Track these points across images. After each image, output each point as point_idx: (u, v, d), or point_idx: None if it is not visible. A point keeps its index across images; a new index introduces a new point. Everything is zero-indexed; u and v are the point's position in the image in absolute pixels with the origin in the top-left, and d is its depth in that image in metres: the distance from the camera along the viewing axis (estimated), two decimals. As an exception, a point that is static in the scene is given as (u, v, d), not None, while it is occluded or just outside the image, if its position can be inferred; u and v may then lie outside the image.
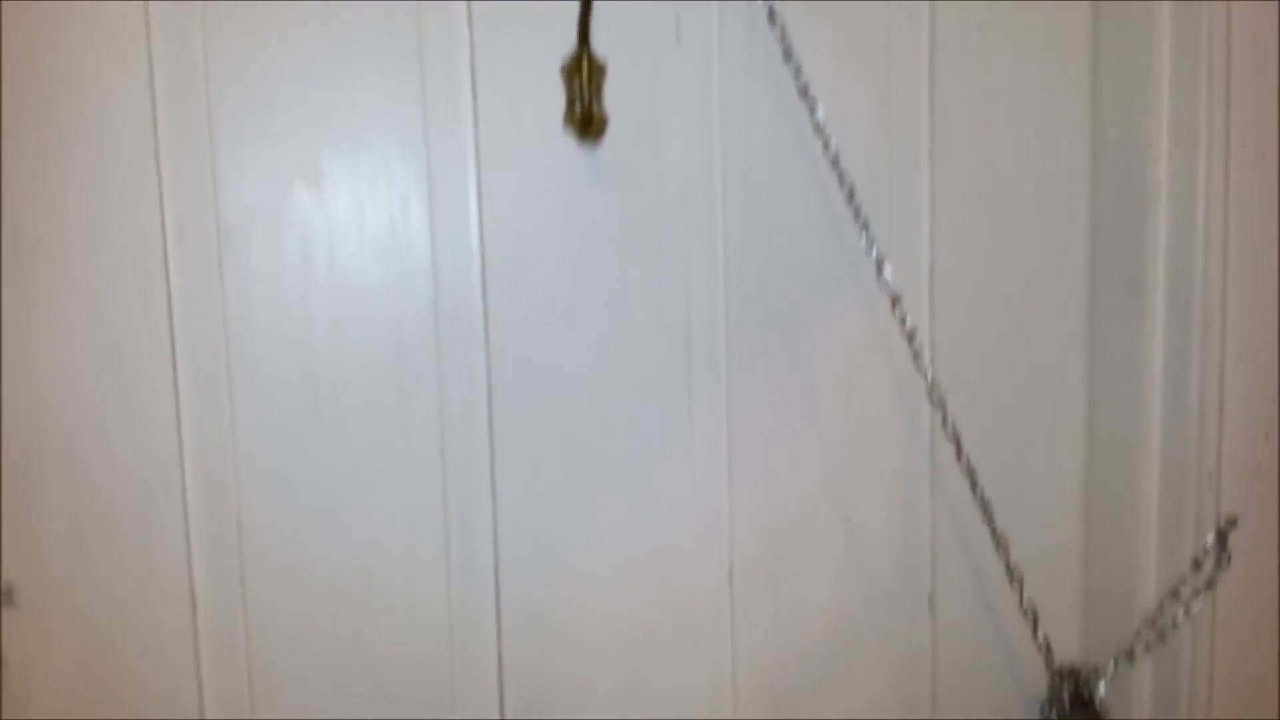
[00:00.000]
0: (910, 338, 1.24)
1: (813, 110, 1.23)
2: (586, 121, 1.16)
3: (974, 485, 1.29)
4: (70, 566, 1.16)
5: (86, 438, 1.16)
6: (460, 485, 1.25)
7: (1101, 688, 1.36)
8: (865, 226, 1.24)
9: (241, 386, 1.19)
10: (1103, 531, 1.43)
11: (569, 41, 1.17)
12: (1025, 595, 1.33)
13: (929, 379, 1.26)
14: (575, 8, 1.16)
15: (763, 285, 1.31)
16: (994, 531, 1.29)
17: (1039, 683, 1.44)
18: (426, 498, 1.25)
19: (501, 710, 1.30)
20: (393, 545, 1.25)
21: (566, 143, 1.21)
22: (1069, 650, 1.44)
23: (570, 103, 1.17)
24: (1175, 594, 1.31)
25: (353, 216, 1.21)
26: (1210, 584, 1.29)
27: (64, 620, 1.16)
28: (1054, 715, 1.41)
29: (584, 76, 1.15)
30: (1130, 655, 1.34)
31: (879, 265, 1.23)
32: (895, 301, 1.24)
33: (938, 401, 1.27)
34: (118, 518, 1.17)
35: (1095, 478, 1.43)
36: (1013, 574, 1.32)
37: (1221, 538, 1.29)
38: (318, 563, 1.23)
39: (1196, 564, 1.30)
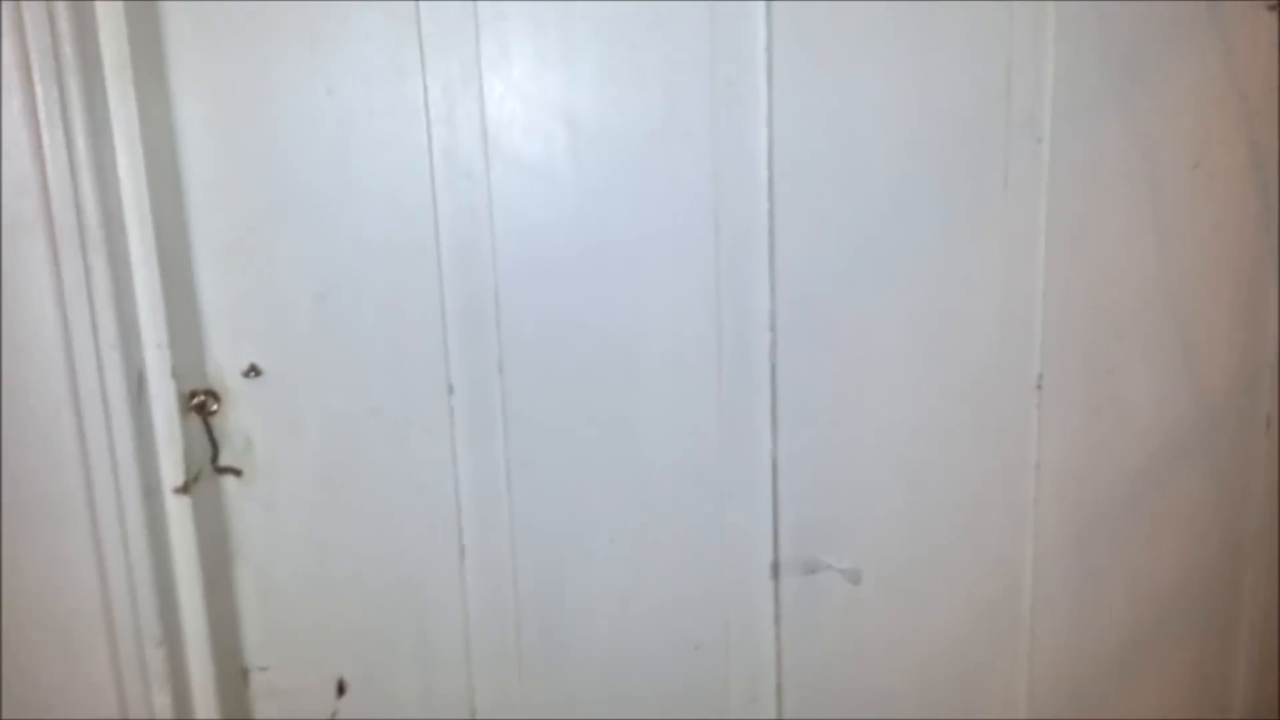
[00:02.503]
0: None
1: None
2: None
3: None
4: (318, 344, 1.05)
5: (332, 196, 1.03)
6: (734, 261, 1.08)
7: None
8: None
9: (497, 141, 1.04)
10: None
11: None
12: None
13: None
14: None
15: (1100, 25, 1.07)
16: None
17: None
18: (700, 279, 1.08)
19: (775, 523, 1.14)
20: (659, 327, 1.09)
21: None
22: None
23: None
24: None
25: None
26: None
27: (311, 401, 1.05)
28: None
29: None
30: None
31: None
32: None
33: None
34: (367, 286, 1.04)
35: None
36: None
37: None
38: (577, 347, 1.08)
39: None
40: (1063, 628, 1.23)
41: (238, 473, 1.02)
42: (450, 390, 1.07)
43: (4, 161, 0.90)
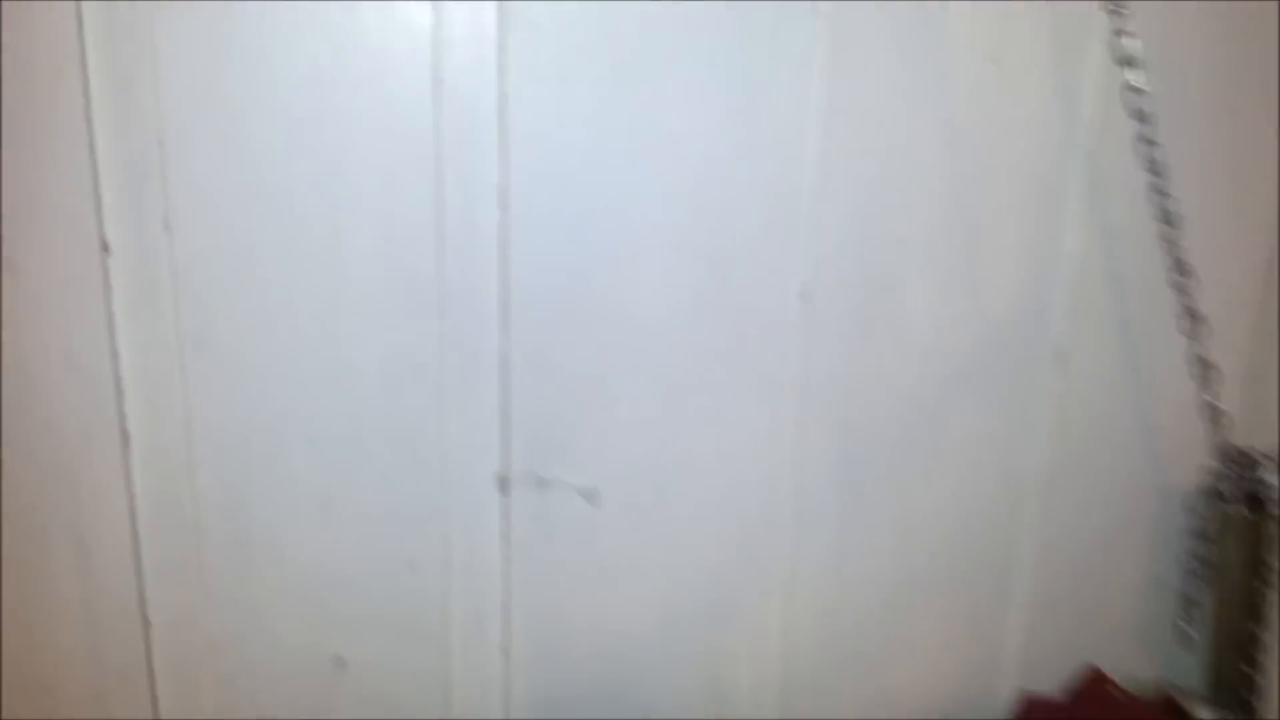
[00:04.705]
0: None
1: None
2: None
3: (1156, 171, 0.94)
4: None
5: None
6: (458, 122, 0.93)
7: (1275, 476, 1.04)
8: None
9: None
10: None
11: None
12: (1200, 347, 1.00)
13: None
14: None
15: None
16: (1177, 250, 0.95)
17: (1183, 472, 1.14)
18: (417, 141, 0.93)
19: (504, 430, 1.01)
20: (366, 192, 0.94)
21: None
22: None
23: None
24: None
25: None
26: None
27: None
28: (1211, 509, 1.11)
29: None
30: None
31: None
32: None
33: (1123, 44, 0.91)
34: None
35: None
36: (1193, 315, 0.98)
37: None
38: (264, 211, 0.92)
39: None
40: (823, 559, 1.14)
41: None
42: (105, 248, 0.91)
43: None
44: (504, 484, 1.03)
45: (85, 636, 1.01)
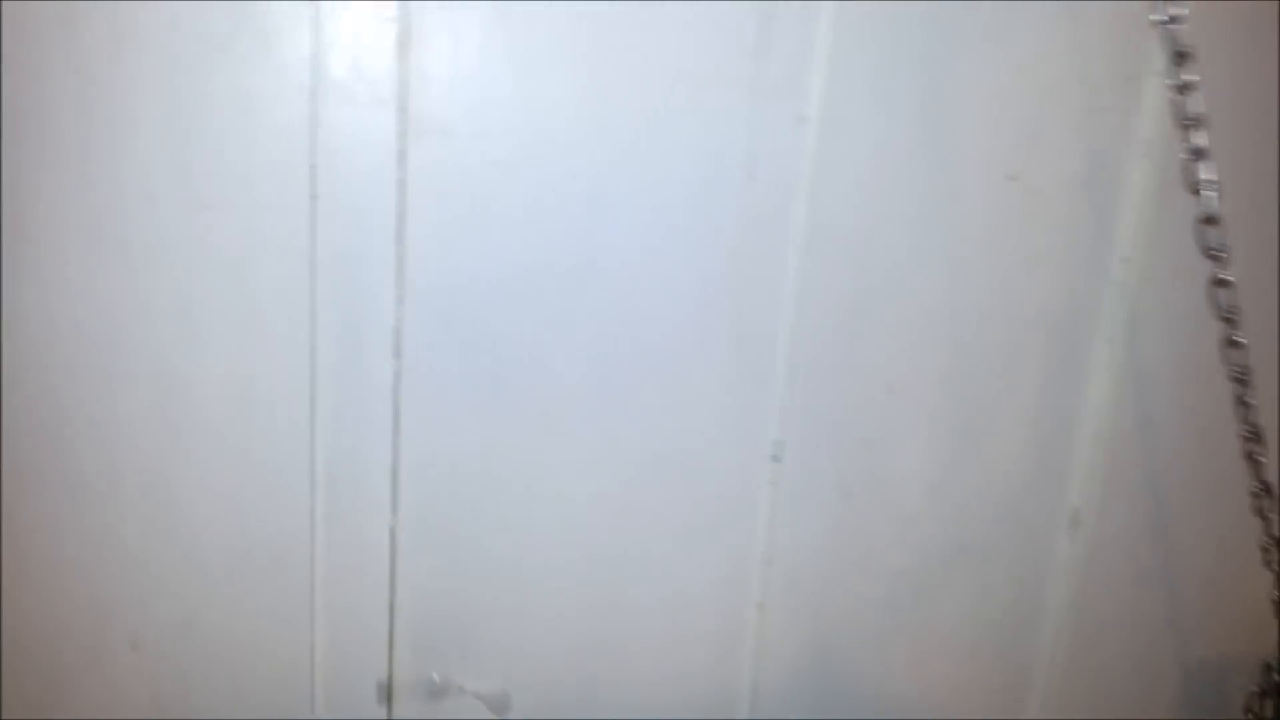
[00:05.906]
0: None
1: None
2: None
3: (1228, 317, 0.74)
4: None
5: None
6: (340, 253, 0.71)
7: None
8: None
9: None
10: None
11: None
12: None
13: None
14: None
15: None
16: (1249, 412, 0.75)
17: (1208, 646, 0.96)
18: (290, 269, 0.71)
19: (390, 624, 0.79)
20: (209, 316, 0.71)
21: None
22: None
23: None
24: None
25: None
26: None
27: None
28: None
29: None
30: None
31: None
32: None
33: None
34: None
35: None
36: (1267, 490, 0.78)
37: None
38: (77, 345, 0.69)
39: None
40: (786, 767, 0.93)
41: None
42: None
43: None
44: (385, 693, 0.81)
45: None
